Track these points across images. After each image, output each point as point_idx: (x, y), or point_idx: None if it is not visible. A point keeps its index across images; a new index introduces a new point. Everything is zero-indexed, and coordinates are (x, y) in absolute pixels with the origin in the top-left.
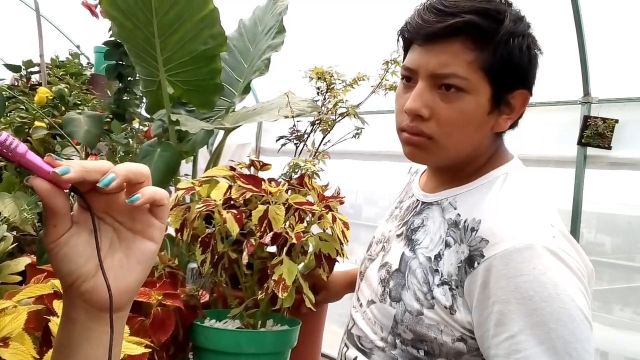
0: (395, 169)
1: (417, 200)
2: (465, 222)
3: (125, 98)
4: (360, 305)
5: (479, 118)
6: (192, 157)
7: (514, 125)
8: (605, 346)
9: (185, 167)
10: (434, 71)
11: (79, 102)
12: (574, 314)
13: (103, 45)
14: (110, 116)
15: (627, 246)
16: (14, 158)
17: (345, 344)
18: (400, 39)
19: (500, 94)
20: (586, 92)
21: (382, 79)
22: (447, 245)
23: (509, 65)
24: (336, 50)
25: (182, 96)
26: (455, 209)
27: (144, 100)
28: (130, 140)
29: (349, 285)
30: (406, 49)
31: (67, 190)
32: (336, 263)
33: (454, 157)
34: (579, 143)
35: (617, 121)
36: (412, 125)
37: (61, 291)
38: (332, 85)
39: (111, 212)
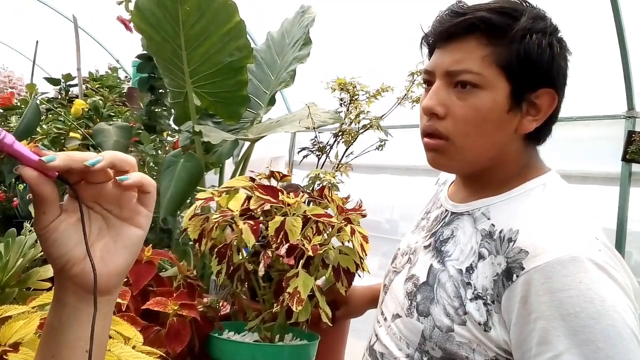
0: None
1: (446, 210)
2: (501, 232)
3: (155, 110)
4: (385, 319)
5: (497, 116)
6: (219, 168)
7: (546, 132)
8: None
9: (213, 178)
10: (448, 68)
11: (113, 114)
12: (623, 332)
13: (137, 58)
14: (142, 127)
15: None
16: (3, 148)
17: None
18: (424, 47)
19: (520, 92)
20: (630, 107)
21: (407, 90)
22: (481, 256)
23: (526, 62)
24: (360, 61)
25: (209, 107)
26: (488, 219)
27: (173, 111)
28: (159, 151)
29: (371, 300)
30: (430, 56)
31: (57, 180)
32: (356, 277)
33: (476, 160)
34: (624, 159)
35: None
36: (429, 125)
37: None
38: (356, 97)
39: (100, 201)
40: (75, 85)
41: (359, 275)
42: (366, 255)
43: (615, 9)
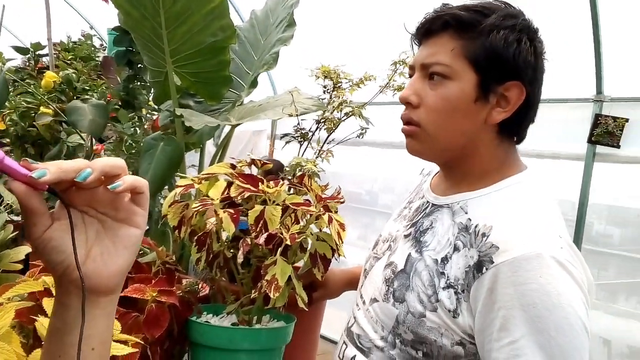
0: (412, 157)
1: (428, 202)
2: (476, 227)
3: (134, 85)
4: (364, 302)
5: (465, 105)
6: (199, 148)
7: (519, 127)
8: (608, 334)
9: (194, 156)
10: (423, 61)
11: (88, 88)
12: (575, 324)
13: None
14: (119, 103)
15: (635, 238)
16: None
17: (344, 342)
18: (414, 44)
19: (487, 83)
20: (599, 91)
21: (390, 79)
22: (456, 248)
23: (492, 55)
24: (345, 49)
25: (189, 88)
26: (466, 213)
27: (152, 90)
28: (137, 129)
29: (348, 283)
30: None
31: (46, 191)
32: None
33: (447, 147)
34: (589, 141)
35: (627, 120)
36: (405, 113)
37: (52, 288)
38: (339, 84)
39: (94, 205)
40: (46, 55)
41: (336, 259)
42: (342, 242)
43: None
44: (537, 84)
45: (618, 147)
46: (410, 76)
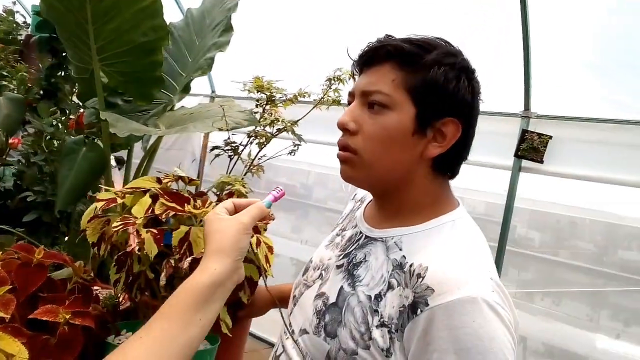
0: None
1: (361, 232)
2: (411, 266)
3: (57, 76)
4: (292, 332)
5: (403, 136)
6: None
7: (453, 163)
8: (524, 332)
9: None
10: (364, 89)
11: (6, 74)
12: None
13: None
14: (40, 93)
15: (553, 242)
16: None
17: None
18: (354, 70)
19: (425, 117)
20: (527, 107)
21: (324, 95)
22: (390, 286)
23: (431, 89)
24: (280, 63)
25: (118, 87)
26: (400, 249)
27: (76, 85)
28: (59, 125)
29: (274, 301)
30: None
31: None
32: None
33: (382, 177)
34: (516, 155)
35: (550, 137)
36: (342, 139)
37: None
38: (273, 98)
39: None
40: None
41: (264, 280)
42: (270, 265)
43: (524, 13)
44: (472, 122)
45: (541, 162)
46: (349, 103)
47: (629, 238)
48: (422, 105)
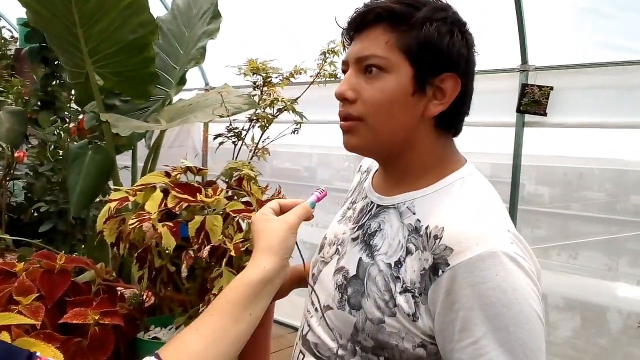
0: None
1: (372, 202)
2: (427, 228)
3: (53, 85)
4: (316, 310)
5: (403, 98)
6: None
7: (456, 120)
8: (544, 289)
9: (127, 155)
10: (358, 55)
11: (2, 90)
12: (530, 316)
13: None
14: (38, 104)
15: (563, 196)
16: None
17: (301, 351)
18: (345, 39)
19: (423, 76)
20: (524, 61)
21: (320, 69)
22: (409, 251)
23: (426, 47)
24: (274, 43)
25: (113, 88)
26: (414, 213)
27: (73, 91)
28: (62, 133)
29: (296, 281)
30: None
31: None
32: None
33: (387, 141)
34: (518, 110)
35: (552, 88)
36: (343, 110)
37: None
38: (269, 79)
39: None
40: None
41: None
42: None
43: None
44: (470, 76)
45: (545, 114)
46: (344, 72)
47: (639, 182)
48: (418, 63)
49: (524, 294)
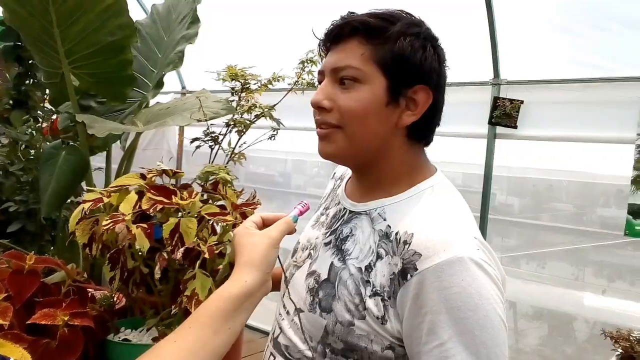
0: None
1: (345, 208)
2: (397, 234)
3: (26, 83)
4: (287, 313)
5: (377, 108)
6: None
7: (427, 131)
8: (514, 297)
9: (100, 156)
10: (334, 65)
11: None
12: (495, 321)
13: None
14: (10, 102)
15: (533, 206)
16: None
17: (272, 353)
18: (323, 53)
19: (396, 87)
20: (496, 74)
21: (298, 77)
22: (379, 256)
23: (400, 60)
24: (252, 51)
25: (89, 89)
26: (384, 219)
27: (47, 91)
28: (34, 133)
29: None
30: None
31: None
32: None
33: (361, 149)
34: (490, 123)
35: (522, 102)
36: (319, 118)
37: None
38: (247, 85)
39: None
40: None
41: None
42: None
43: None
44: (441, 89)
45: (515, 127)
46: (320, 82)
47: (605, 195)
48: (392, 75)
49: (489, 299)
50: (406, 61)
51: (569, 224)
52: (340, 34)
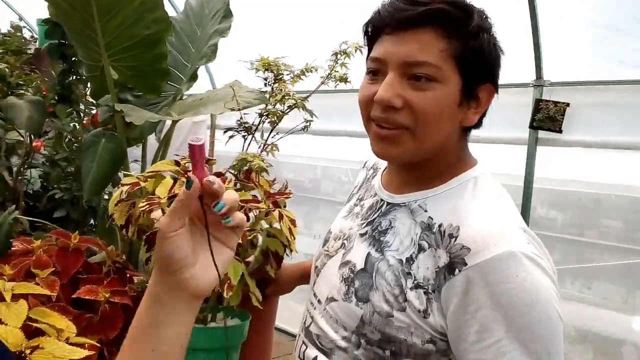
0: (353, 145)
1: (382, 200)
2: (440, 226)
3: (70, 80)
4: (319, 302)
5: (450, 109)
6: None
7: (478, 125)
8: None
9: (136, 150)
10: (406, 59)
11: (22, 83)
12: (552, 315)
13: (44, 23)
14: (56, 98)
15: (577, 221)
16: (194, 149)
17: (304, 342)
18: (369, 31)
19: (469, 86)
20: (539, 76)
21: (331, 70)
22: (421, 248)
23: (479, 58)
24: (284, 41)
25: (127, 81)
26: (425, 211)
27: (89, 84)
28: (77, 125)
29: (300, 278)
30: (372, 42)
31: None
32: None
33: (429, 149)
34: (531, 126)
35: (568, 105)
36: (384, 117)
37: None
38: (280, 76)
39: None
40: None
41: (287, 255)
42: (294, 238)
43: None
44: (497, 85)
45: (560, 132)
46: (372, 70)
47: None
48: (467, 74)
49: (545, 294)
50: (484, 59)
51: (618, 242)
52: (413, 19)
